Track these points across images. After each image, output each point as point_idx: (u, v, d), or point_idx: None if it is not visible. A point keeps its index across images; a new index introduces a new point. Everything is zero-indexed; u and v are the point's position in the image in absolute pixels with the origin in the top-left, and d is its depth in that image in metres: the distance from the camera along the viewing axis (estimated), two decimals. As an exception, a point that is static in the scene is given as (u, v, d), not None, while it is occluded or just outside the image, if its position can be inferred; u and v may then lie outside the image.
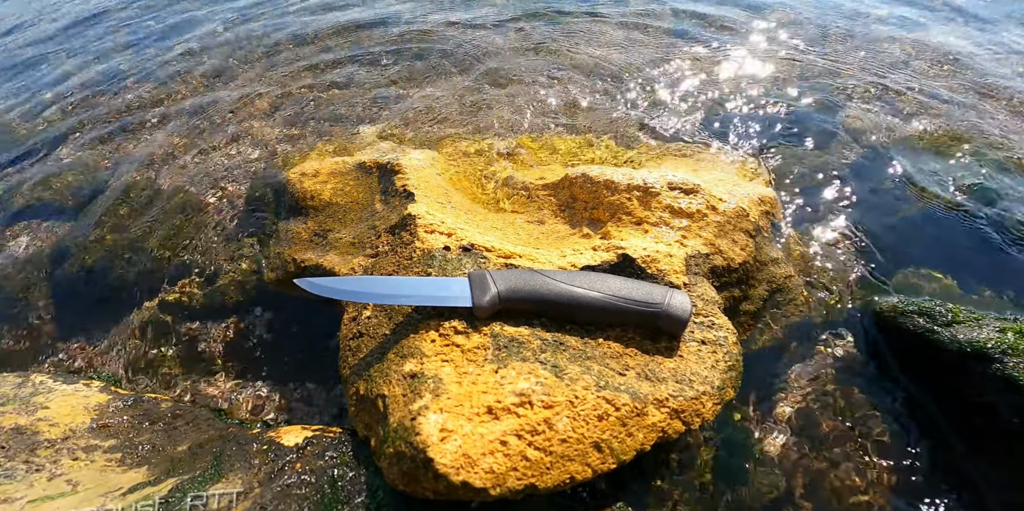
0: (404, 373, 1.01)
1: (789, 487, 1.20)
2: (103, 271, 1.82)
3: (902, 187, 1.89)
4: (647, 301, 1.07)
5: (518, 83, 2.50)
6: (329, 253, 1.49)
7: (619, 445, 0.95)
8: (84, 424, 1.23)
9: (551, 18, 3.08)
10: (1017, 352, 1.20)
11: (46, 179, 2.25)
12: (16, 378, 1.41)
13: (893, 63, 2.60)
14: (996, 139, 2.09)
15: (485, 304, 1.04)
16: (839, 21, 2.99)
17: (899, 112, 2.27)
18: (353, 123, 2.31)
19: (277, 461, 1.05)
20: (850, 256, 1.67)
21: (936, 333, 1.33)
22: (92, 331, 1.67)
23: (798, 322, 1.49)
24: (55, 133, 2.57)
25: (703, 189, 1.46)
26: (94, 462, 1.12)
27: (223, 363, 1.54)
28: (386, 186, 1.61)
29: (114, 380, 1.52)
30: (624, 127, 2.19)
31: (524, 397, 0.94)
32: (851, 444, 1.27)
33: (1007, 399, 1.18)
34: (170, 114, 2.55)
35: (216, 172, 2.14)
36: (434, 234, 1.30)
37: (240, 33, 3.24)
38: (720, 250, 1.37)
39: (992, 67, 2.56)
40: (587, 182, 1.54)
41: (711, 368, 1.10)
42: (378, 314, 1.17)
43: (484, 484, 0.84)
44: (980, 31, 2.93)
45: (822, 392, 1.36)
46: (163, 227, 1.93)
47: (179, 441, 1.21)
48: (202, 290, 1.72)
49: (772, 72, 2.53)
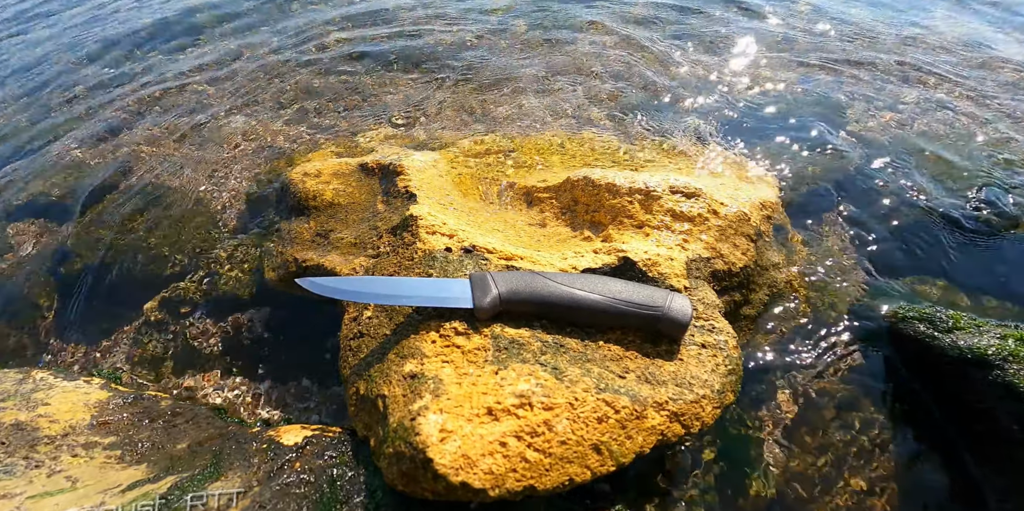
0: (404, 373, 1.01)
1: (789, 491, 1.20)
2: (104, 269, 1.82)
3: (907, 191, 1.89)
4: (648, 304, 1.07)
5: (520, 84, 2.50)
6: (331, 253, 1.50)
7: (618, 447, 0.95)
8: (84, 421, 1.23)
9: (552, 19, 3.09)
10: (1018, 359, 1.20)
11: (47, 177, 2.26)
12: (17, 374, 1.42)
13: (900, 63, 2.60)
14: (1005, 142, 2.09)
15: (486, 305, 1.04)
16: (840, 20, 3.00)
17: (905, 114, 2.27)
18: (356, 123, 2.32)
19: (276, 460, 1.05)
20: (853, 261, 1.67)
21: (937, 339, 1.33)
22: (93, 328, 1.68)
23: (799, 326, 1.50)
24: (56, 131, 2.58)
25: (705, 193, 1.46)
26: (94, 459, 1.13)
27: (223, 362, 1.55)
28: (388, 187, 1.61)
29: (114, 377, 1.53)
30: (626, 129, 2.20)
31: (524, 398, 0.94)
32: (853, 449, 1.26)
33: (1007, 406, 1.18)
34: (171, 113, 2.56)
35: (218, 171, 2.14)
36: (436, 235, 1.31)
37: (242, 32, 3.25)
38: (721, 254, 1.37)
39: (1000, 70, 2.56)
40: (589, 185, 1.54)
41: (711, 372, 1.10)
42: (379, 314, 1.17)
43: (483, 485, 0.84)
44: (993, 23, 2.94)
45: (823, 396, 1.36)
46: (164, 225, 1.93)
47: (179, 439, 1.21)
48: (203, 289, 1.72)
49: (774, 74, 2.54)
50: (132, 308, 1.71)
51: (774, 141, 2.14)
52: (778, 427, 1.31)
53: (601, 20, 3.06)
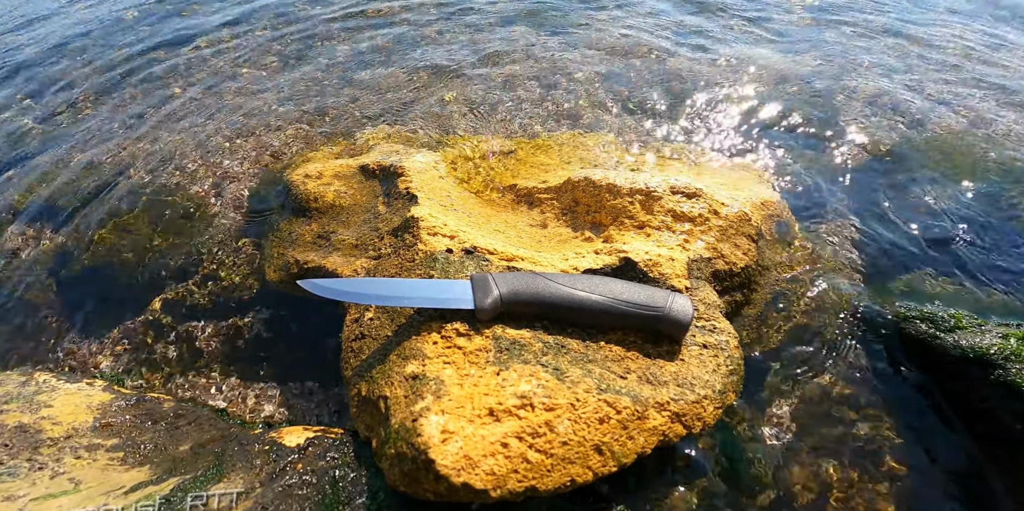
0: (406, 375, 1.01)
1: (791, 491, 1.20)
2: (106, 270, 1.83)
3: (910, 190, 1.89)
4: (649, 305, 1.07)
5: (521, 85, 2.51)
6: (332, 255, 1.50)
7: (620, 448, 0.95)
8: (87, 423, 1.24)
9: (552, 19, 3.09)
10: (1020, 358, 1.20)
11: (48, 178, 2.26)
12: (20, 376, 1.42)
13: (899, 62, 2.60)
14: (1005, 141, 2.09)
15: (487, 306, 1.04)
16: (838, 21, 3.00)
17: (906, 113, 2.27)
18: (357, 124, 2.32)
19: (279, 461, 1.06)
20: (855, 260, 1.67)
21: (939, 339, 1.33)
22: (95, 330, 1.68)
23: (801, 326, 1.49)
24: (57, 132, 2.58)
25: (705, 193, 1.46)
26: (96, 461, 1.13)
27: (225, 363, 1.55)
28: (389, 188, 1.62)
29: (117, 379, 1.53)
30: (627, 130, 2.20)
31: (525, 399, 0.94)
32: (855, 448, 1.26)
33: (1010, 405, 1.17)
34: (172, 114, 2.57)
35: (219, 172, 2.15)
36: (437, 236, 1.31)
37: (243, 32, 3.25)
38: (722, 254, 1.37)
39: (997, 68, 2.56)
40: (589, 186, 1.55)
41: (712, 372, 1.10)
42: (380, 316, 1.18)
43: (485, 486, 0.85)
44: (989, 30, 2.94)
45: (825, 396, 1.36)
46: (165, 227, 1.93)
47: (181, 441, 1.21)
48: (205, 290, 1.72)
49: (774, 73, 2.54)
50: (133, 310, 1.71)
51: (774, 139, 2.14)
52: (780, 427, 1.31)
53: (601, 20, 3.06)
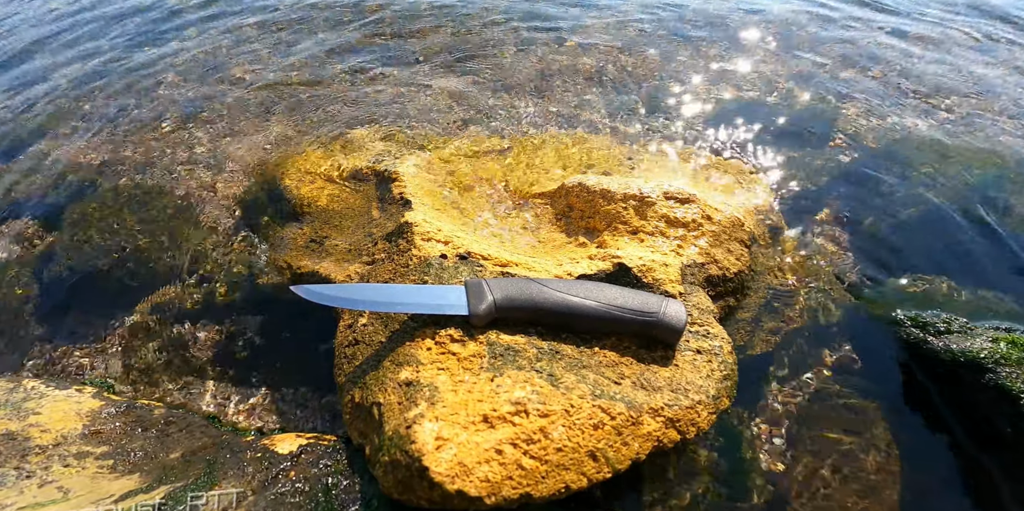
0: (400, 381, 1.01)
1: (786, 495, 1.20)
2: (94, 274, 1.80)
3: (903, 191, 1.90)
4: (643, 310, 1.08)
5: (516, 84, 2.51)
6: (325, 260, 1.49)
7: (614, 454, 0.95)
8: (76, 430, 1.22)
9: (544, 16, 3.10)
10: (1010, 362, 1.21)
11: (36, 178, 2.23)
12: (8, 383, 1.40)
13: (892, 61, 2.63)
14: (999, 139, 2.11)
15: (481, 312, 1.04)
16: (830, 22, 3.03)
17: (900, 113, 2.29)
18: (351, 125, 2.31)
19: (271, 469, 1.05)
20: (848, 263, 1.68)
21: (929, 343, 1.34)
22: (83, 335, 1.66)
23: (794, 330, 1.50)
24: (46, 131, 2.55)
25: (698, 199, 1.47)
26: (86, 469, 1.12)
27: (217, 369, 1.53)
28: (383, 193, 1.61)
29: (107, 386, 1.51)
30: (622, 133, 2.21)
31: (520, 406, 0.94)
32: (850, 452, 1.27)
33: (1000, 409, 1.19)
34: (163, 115, 2.55)
35: (211, 175, 2.13)
36: (431, 242, 1.31)
37: (237, 31, 3.24)
38: (716, 259, 1.38)
39: (991, 68, 2.59)
40: (583, 191, 1.55)
41: (706, 377, 1.10)
42: (374, 322, 1.17)
43: (479, 493, 0.84)
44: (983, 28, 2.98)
45: (820, 400, 1.37)
46: (154, 230, 1.91)
47: (172, 448, 1.20)
48: (195, 295, 1.71)
49: (767, 74, 2.56)
50: (123, 315, 1.69)
51: (769, 143, 2.15)
52: (775, 431, 1.31)
53: (599, 23, 3.08)
